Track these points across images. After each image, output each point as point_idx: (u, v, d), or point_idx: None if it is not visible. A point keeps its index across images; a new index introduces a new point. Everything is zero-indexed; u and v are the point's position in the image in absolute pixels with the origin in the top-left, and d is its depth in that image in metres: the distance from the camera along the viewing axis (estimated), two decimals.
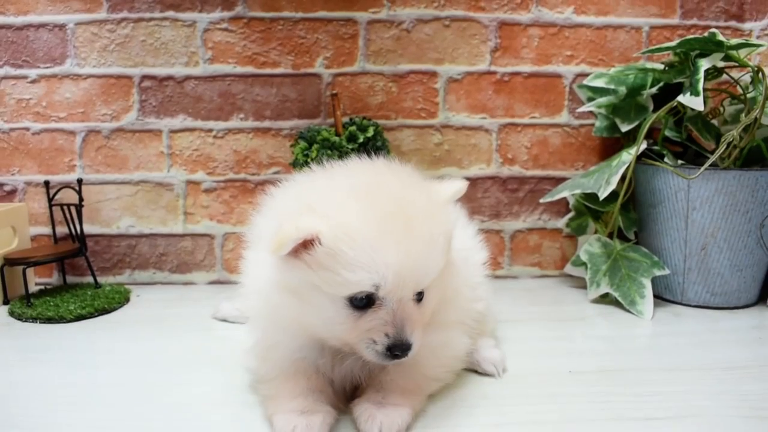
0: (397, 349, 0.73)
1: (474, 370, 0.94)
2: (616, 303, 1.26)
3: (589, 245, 1.32)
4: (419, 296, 0.75)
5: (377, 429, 0.75)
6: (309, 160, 1.22)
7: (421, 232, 0.72)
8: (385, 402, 0.78)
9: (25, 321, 1.21)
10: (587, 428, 0.79)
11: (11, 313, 1.23)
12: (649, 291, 1.22)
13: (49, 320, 1.20)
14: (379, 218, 0.71)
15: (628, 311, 1.23)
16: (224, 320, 1.21)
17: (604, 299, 1.29)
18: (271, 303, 0.80)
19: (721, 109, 1.34)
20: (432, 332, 0.81)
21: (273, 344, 0.82)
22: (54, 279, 1.45)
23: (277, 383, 0.81)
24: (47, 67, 1.40)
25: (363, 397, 0.80)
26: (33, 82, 1.40)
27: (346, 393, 0.84)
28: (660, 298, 1.30)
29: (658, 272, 1.24)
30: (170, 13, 1.39)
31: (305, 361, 0.81)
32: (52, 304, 1.25)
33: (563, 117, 1.46)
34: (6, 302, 1.31)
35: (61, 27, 1.39)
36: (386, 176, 0.79)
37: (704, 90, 1.16)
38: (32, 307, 1.23)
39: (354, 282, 0.71)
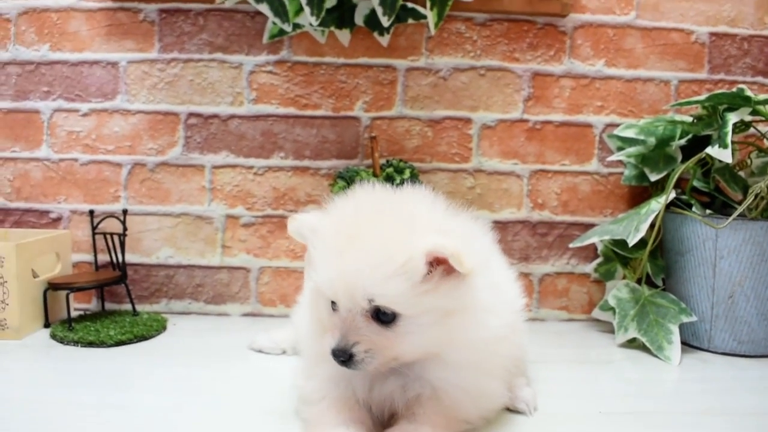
0: (333, 353, 0.77)
1: (506, 407, 0.96)
2: (643, 348, 1.28)
3: (618, 291, 1.34)
4: (383, 317, 0.77)
5: None
6: None
7: (367, 255, 0.75)
8: None
9: (67, 344, 1.24)
10: None
11: (53, 336, 1.27)
12: (676, 337, 1.24)
13: (90, 344, 1.24)
14: (344, 233, 0.78)
15: (655, 356, 1.24)
16: (260, 351, 1.24)
17: (631, 344, 1.31)
18: (309, 305, 0.89)
19: (748, 161, 1.37)
20: (477, 378, 0.84)
21: (317, 359, 0.86)
22: (92, 305, 1.50)
23: (320, 409, 0.84)
24: (98, 102, 1.47)
25: (395, 427, 0.82)
26: (84, 115, 1.47)
27: (384, 422, 0.86)
28: (687, 345, 1.31)
29: (685, 319, 1.26)
30: (218, 55, 1.45)
31: (346, 382, 0.85)
32: (92, 329, 1.29)
33: (593, 165, 1.50)
34: (47, 325, 1.34)
35: (114, 65, 1.46)
36: (393, 204, 0.83)
37: (732, 143, 1.20)
38: (74, 331, 1.27)
39: (314, 278, 0.81)
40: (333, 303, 0.80)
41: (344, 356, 0.77)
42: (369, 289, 0.75)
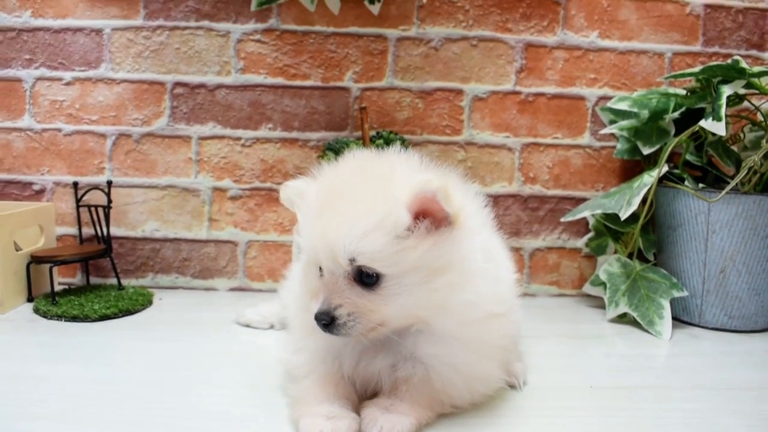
0: (316, 317, 0.75)
1: None
2: (634, 323, 1.27)
3: (609, 265, 1.33)
4: (366, 279, 0.75)
5: None
6: None
7: (346, 212, 0.74)
8: (392, 409, 0.78)
9: (50, 318, 1.22)
10: None
11: (36, 311, 1.25)
12: (667, 312, 1.23)
13: (74, 319, 1.22)
14: (326, 194, 0.78)
15: (646, 331, 1.24)
16: (247, 325, 1.23)
17: (622, 319, 1.30)
18: (300, 276, 0.87)
19: (742, 135, 1.36)
20: (472, 358, 0.81)
21: (306, 331, 0.85)
22: (77, 279, 1.48)
23: (306, 385, 0.82)
24: (82, 71, 1.43)
25: (373, 400, 0.81)
26: (68, 84, 1.43)
27: (367, 398, 0.84)
28: (678, 320, 1.31)
29: (677, 294, 1.25)
30: (205, 23, 1.42)
31: (333, 357, 0.84)
32: (76, 303, 1.27)
33: (585, 138, 1.48)
34: (30, 300, 1.32)
35: (98, 32, 1.42)
36: (376, 164, 0.81)
37: (725, 116, 1.18)
38: (57, 305, 1.25)
39: (300, 242, 0.81)
40: (320, 269, 0.78)
41: (326, 319, 0.74)
42: (348, 246, 0.73)
